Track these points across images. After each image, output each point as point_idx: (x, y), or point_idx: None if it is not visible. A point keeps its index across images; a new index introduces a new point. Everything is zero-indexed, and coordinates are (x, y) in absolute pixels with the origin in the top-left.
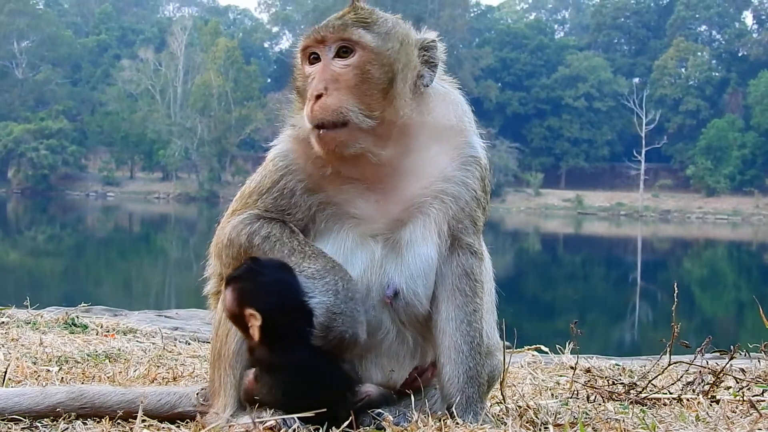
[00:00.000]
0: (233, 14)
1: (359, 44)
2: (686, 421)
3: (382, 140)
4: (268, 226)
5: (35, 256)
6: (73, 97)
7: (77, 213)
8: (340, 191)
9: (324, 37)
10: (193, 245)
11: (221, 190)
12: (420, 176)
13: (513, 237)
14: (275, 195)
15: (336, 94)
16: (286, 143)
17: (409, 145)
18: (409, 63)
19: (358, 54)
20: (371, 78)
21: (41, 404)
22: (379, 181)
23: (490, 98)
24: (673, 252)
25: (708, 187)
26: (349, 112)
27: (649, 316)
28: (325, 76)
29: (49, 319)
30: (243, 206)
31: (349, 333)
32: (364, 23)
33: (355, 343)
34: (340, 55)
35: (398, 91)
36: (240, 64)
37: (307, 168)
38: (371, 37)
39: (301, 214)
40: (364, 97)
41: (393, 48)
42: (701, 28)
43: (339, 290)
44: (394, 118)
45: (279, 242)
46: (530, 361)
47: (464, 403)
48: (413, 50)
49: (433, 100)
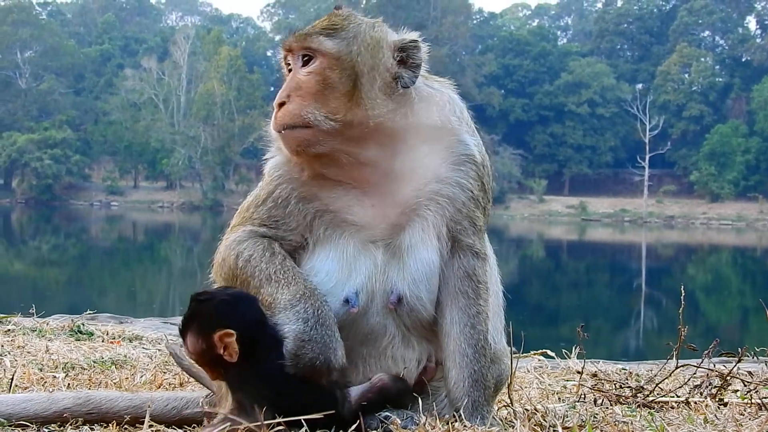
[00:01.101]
0: (236, 23)
1: (319, 51)
2: (694, 424)
3: (354, 141)
4: (252, 248)
5: (40, 266)
6: (76, 107)
7: (81, 222)
8: (335, 198)
9: (290, 46)
10: (197, 254)
11: (225, 198)
12: (412, 178)
13: (517, 244)
14: (270, 206)
15: (297, 101)
16: (280, 154)
17: (395, 147)
18: (377, 65)
19: (318, 61)
20: (331, 83)
21: (48, 410)
22: (372, 185)
23: (493, 105)
24: (678, 258)
25: (712, 192)
26: (309, 115)
27: (654, 322)
28: (290, 85)
29: (54, 326)
30: (240, 221)
31: (320, 360)
32: (329, 30)
33: (328, 370)
34: (305, 63)
35: (365, 93)
36: (243, 73)
37: (301, 177)
38: (332, 44)
39: (296, 223)
40: (326, 101)
41: (356, 51)
42: (704, 33)
43: (309, 318)
44: (363, 119)
45: (257, 268)
46: (536, 366)
47: (471, 407)
48: (385, 52)
49: (417, 100)
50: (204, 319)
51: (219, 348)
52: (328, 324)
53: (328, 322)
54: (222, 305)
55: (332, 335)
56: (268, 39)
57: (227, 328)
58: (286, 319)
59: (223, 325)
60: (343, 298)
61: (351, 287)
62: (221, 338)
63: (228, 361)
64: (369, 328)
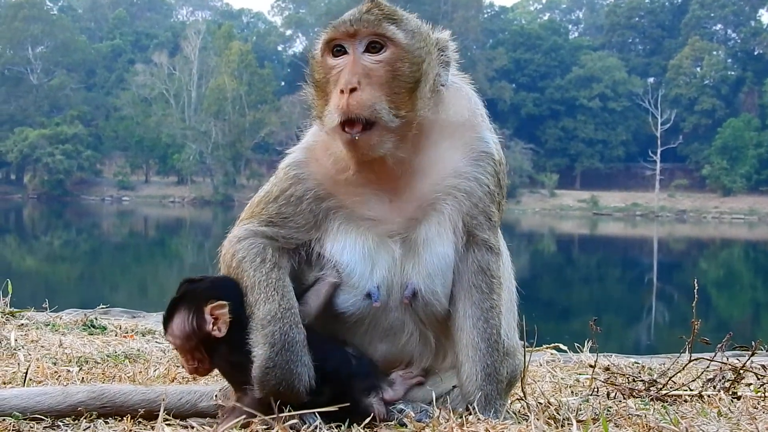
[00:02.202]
0: (246, 18)
1: (392, 40)
2: (708, 418)
3: (402, 141)
4: (246, 249)
5: (52, 261)
6: (87, 102)
7: (93, 217)
8: (352, 194)
9: (356, 30)
10: (208, 249)
11: (236, 193)
12: (431, 174)
13: (528, 238)
14: (281, 203)
15: (369, 90)
16: (299, 153)
17: (420, 144)
18: (432, 62)
19: (390, 50)
20: (401, 75)
21: (63, 403)
22: (392, 180)
23: (504, 99)
24: (690, 252)
25: (724, 186)
26: (382, 110)
27: (665, 317)
28: (356, 70)
29: (67, 321)
30: (248, 216)
31: (283, 386)
32: (395, 19)
33: (293, 393)
34: (370, 50)
35: (422, 90)
36: (254, 68)
37: (318, 176)
38: (403, 35)
39: (304, 221)
40: (393, 95)
41: (419, 47)
42: (716, 26)
43: (276, 342)
44: (414, 118)
45: (246, 273)
46: (549, 360)
47: (483, 401)
48: (434, 50)
49: (447, 97)
50: (195, 295)
51: (209, 322)
52: (295, 349)
53: (295, 347)
54: (214, 282)
55: (297, 359)
56: (278, 34)
57: (219, 299)
58: (255, 341)
59: (216, 296)
60: (366, 292)
61: (373, 281)
62: (213, 310)
63: (216, 338)
64: (388, 324)
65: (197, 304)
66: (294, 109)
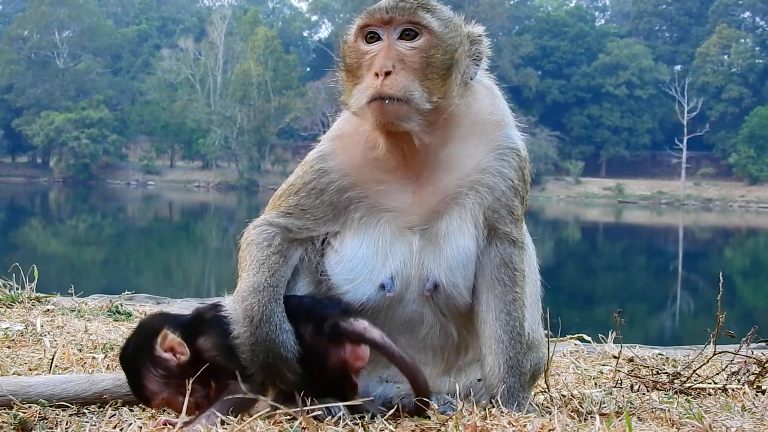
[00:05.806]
0: (272, 3)
1: (427, 28)
2: (732, 412)
3: (430, 126)
4: (257, 235)
5: (77, 245)
6: (113, 87)
7: (118, 202)
8: (376, 183)
9: (391, 18)
10: (232, 234)
11: (261, 179)
12: (456, 168)
13: (553, 226)
14: (302, 195)
15: (403, 74)
16: (327, 143)
17: (449, 136)
18: (463, 53)
19: (424, 37)
20: (434, 63)
21: (88, 391)
22: (416, 171)
23: (529, 86)
24: (715, 241)
25: (751, 175)
26: (414, 91)
27: (690, 306)
28: (391, 55)
29: (93, 306)
30: (271, 207)
31: (271, 358)
32: (429, 8)
33: (285, 362)
34: (404, 37)
35: (452, 79)
36: (279, 53)
37: (344, 165)
38: (438, 24)
39: (322, 213)
40: (426, 81)
41: (452, 36)
42: (744, 14)
43: (255, 315)
44: (444, 106)
45: (251, 254)
46: (572, 350)
47: (506, 393)
48: (465, 41)
49: (476, 93)
50: (140, 344)
51: (170, 357)
52: (274, 320)
53: (274, 318)
54: (142, 328)
55: (277, 329)
56: (304, 19)
57: (158, 332)
58: (236, 318)
59: (155, 332)
60: (379, 283)
61: (386, 272)
62: (162, 343)
63: (185, 363)
64: (406, 316)
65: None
66: (319, 95)
